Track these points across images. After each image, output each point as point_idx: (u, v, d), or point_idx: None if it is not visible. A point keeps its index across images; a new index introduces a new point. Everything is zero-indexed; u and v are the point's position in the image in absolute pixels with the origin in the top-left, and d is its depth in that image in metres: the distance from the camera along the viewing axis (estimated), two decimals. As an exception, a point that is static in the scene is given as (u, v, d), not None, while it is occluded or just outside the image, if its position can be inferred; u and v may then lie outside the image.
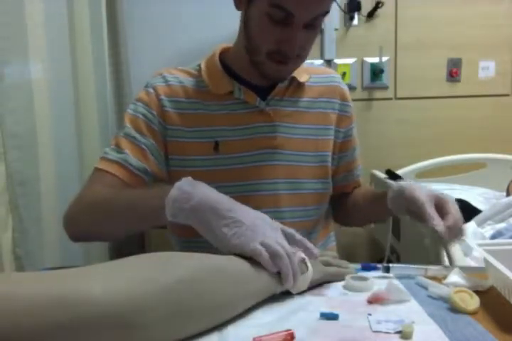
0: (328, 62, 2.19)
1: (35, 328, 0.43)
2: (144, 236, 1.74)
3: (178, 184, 0.67)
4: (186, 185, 0.67)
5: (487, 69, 2.16)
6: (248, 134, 0.89)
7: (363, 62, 2.17)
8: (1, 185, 1.01)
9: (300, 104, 0.94)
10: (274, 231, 0.64)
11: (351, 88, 2.20)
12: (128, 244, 1.62)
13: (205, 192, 0.66)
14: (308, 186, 0.94)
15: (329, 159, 0.96)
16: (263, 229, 0.62)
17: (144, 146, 0.87)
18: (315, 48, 2.17)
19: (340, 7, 2.11)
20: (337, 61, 2.18)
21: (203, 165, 0.89)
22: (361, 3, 2.12)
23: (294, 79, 0.92)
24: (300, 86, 0.94)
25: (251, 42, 0.84)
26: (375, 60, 2.15)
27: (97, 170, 0.86)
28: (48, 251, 1.13)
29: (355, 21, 2.16)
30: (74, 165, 1.29)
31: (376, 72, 2.15)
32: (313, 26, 0.81)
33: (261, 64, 0.85)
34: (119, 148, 0.87)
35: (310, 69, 0.98)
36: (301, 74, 0.93)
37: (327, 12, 0.80)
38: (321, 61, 2.16)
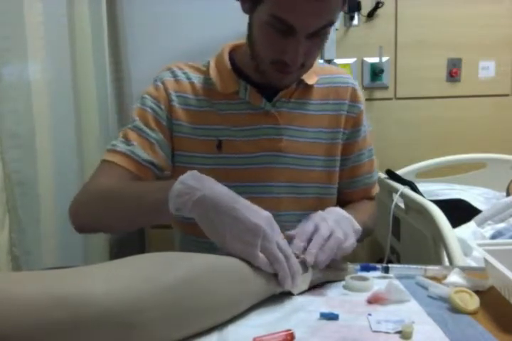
0: (328, 62, 2.19)
1: (35, 328, 0.43)
2: (144, 236, 1.74)
3: (181, 178, 0.66)
4: (190, 179, 0.66)
5: (487, 69, 2.16)
6: (252, 135, 0.89)
7: (362, 62, 2.17)
8: (-1, 185, 1.01)
9: (307, 106, 0.92)
10: (275, 232, 0.63)
11: (351, 88, 2.20)
12: (128, 244, 1.62)
13: (210, 187, 0.65)
14: (311, 191, 0.92)
15: (338, 163, 0.94)
16: (264, 231, 0.61)
17: (152, 140, 0.86)
18: (315, 48, 2.18)
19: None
20: (337, 61, 2.17)
21: (205, 163, 0.88)
22: (361, 3, 2.12)
23: (301, 81, 0.90)
24: (308, 88, 0.92)
25: (254, 49, 0.83)
26: (375, 60, 2.15)
27: (104, 161, 0.85)
28: (46, 251, 1.13)
29: (355, 21, 2.16)
30: (73, 165, 1.29)
31: (376, 72, 2.15)
32: (319, 35, 0.77)
33: (265, 72, 0.83)
34: (127, 140, 0.86)
35: (319, 70, 0.95)
36: (310, 76, 0.91)
37: (333, 22, 0.77)
38: (321, 61, 2.16)
